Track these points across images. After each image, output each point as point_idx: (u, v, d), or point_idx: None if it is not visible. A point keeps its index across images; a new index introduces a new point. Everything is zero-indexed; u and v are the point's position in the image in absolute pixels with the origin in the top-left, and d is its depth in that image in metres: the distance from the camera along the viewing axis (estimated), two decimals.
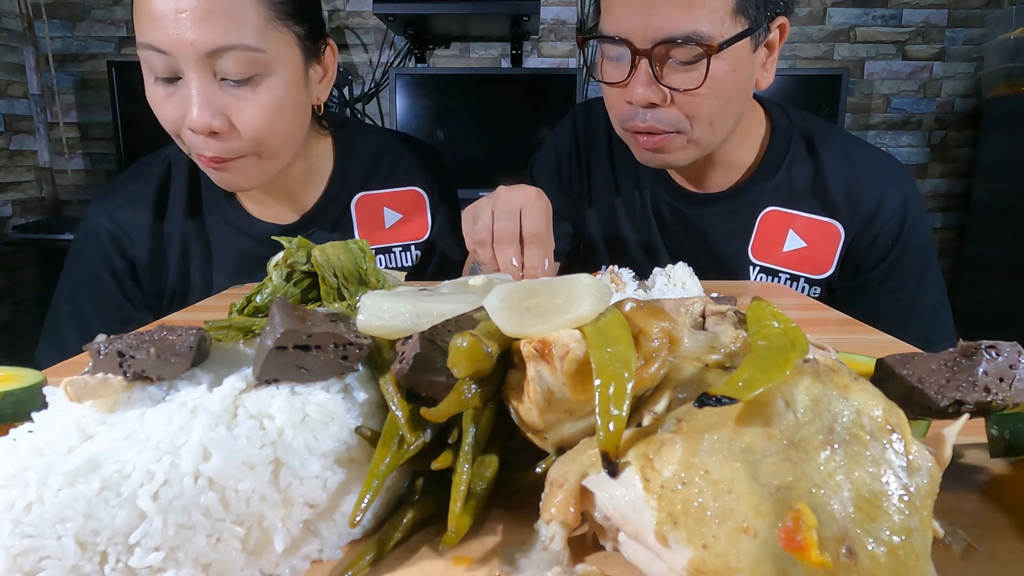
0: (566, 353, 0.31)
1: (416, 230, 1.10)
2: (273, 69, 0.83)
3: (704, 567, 0.25)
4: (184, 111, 0.81)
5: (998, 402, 0.34)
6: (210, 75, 0.80)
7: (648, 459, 0.28)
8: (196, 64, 0.79)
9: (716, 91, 0.84)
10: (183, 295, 1.03)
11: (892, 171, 0.98)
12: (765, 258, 1.02)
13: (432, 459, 0.33)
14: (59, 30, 2.72)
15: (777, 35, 0.89)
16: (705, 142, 0.90)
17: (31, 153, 2.71)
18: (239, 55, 0.80)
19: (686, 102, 0.85)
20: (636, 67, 0.84)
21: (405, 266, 1.09)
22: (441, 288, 0.47)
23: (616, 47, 0.86)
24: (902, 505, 0.25)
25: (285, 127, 0.88)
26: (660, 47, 0.81)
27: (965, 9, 2.69)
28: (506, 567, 0.29)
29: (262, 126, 0.84)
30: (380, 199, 1.07)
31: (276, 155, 0.89)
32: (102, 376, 0.33)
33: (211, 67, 0.80)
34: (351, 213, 1.05)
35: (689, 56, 0.82)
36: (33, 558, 0.26)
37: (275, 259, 0.56)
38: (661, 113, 0.86)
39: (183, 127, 0.83)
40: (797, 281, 1.01)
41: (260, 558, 0.30)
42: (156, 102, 0.83)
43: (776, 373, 0.28)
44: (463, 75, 2.53)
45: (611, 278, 0.75)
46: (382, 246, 1.08)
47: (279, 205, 1.02)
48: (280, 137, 0.88)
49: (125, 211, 1.00)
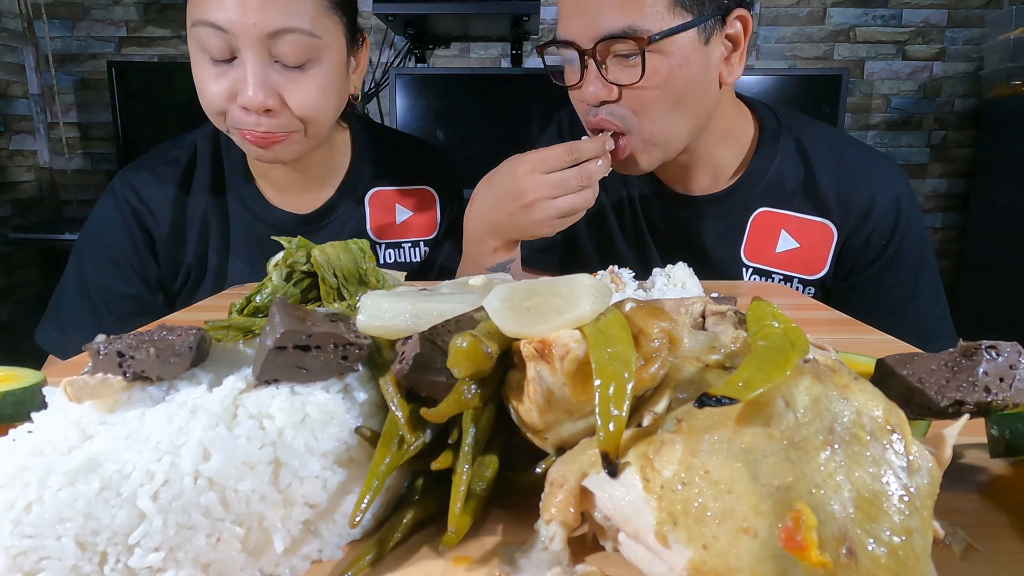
0: (566, 353, 0.31)
1: (426, 227, 1.13)
2: (323, 55, 0.87)
3: (704, 567, 0.25)
4: (234, 90, 0.84)
5: (998, 402, 0.34)
6: (266, 56, 0.84)
7: (648, 459, 0.28)
8: (255, 44, 0.82)
9: (660, 85, 0.85)
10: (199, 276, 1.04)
11: (883, 169, 0.98)
12: (758, 259, 1.02)
13: (432, 459, 0.33)
14: (59, 30, 2.72)
15: (740, 29, 0.88)
16: (663, 140, 0.89)
17: (31, 153, 2.71)
18: (296, 39, 0.83)
19: (633, 97, 0.86)
20: (586, 67, 0.86)
21: (413, 262, 1.11)
22: (441, 288, 0.47)
23: (567, 50, 0.88)
24: (902, 505, 0.25)
25: (331, 110, 0.92)
26: (601, 44, 0.83)
27: (965, 9, 2.69)
28: (506, 567, 0.29)
29: (312, 106, 0.88)
30: (393, 195, 1.10)
31: (318, 135, 0.93)
32: (102, 376, 0.33)
33: (268, 48, 0.83)
34: (365, 207, 1.09)
35: (627, 50, 0.83)
36: (33, 558, 0.26)
37: (275, 259, 0.56)
38: (610, 108, 0.88)
39: (230, 105, 0.86)
40: (791, 282, 1.01)
41: (260, 558, 0.30)
42: (204, 79, 0.86)
43: (776, 373, 0.28)
44: (463, 75, 2.53)
45: (611, 278, 0.75)
46: (392, 241, 1.10)
47: (299, 194, 1.05)
48: (326, 118, 0.92)
49: (150, 186, 1.01)
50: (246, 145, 0.90)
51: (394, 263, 1.11)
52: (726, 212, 1.02)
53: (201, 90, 0.87)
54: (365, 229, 1.08)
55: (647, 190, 1.07)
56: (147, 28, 2.74)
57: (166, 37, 2.75)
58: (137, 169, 1.03)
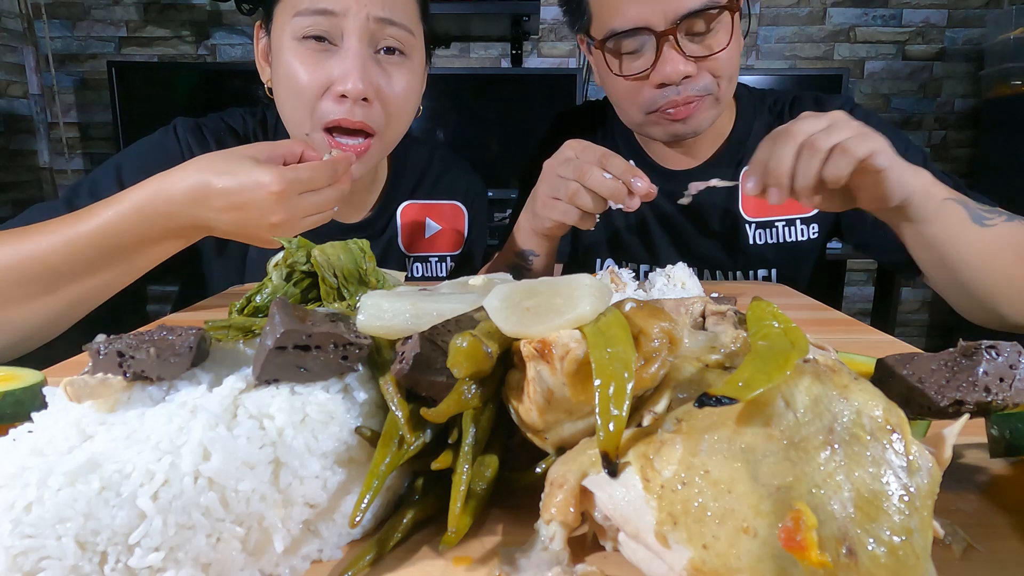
0: (566, 353, 0.31)
1: (453, 242, 1.14)
2: (414, 54, 0.90)
3: (704, 567, 0.25)
4: (331, 80, 0.84)
5: (998, 402, 0.34)
6: (369, 45, 0.85)
7: (648, 459, 0.28)
8: (362, 29, 0.83)
9: (736, 45, 0.91)
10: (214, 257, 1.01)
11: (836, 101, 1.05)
12: (757, 213, 1.07)
13: (432, 459, 0.33)
14: (59, 30, 2.72)
15: None
16: (726, 98, 0.97)
17: (31, 153, 2.71)
18: (398, 32, 0.86)
19: (714, 64, 0.91)
20: (660, 49, 0.88)
21: (439, 276, 1.12)
22: (441, 288, 0.47)
23: (635, 39, 0.89)
24: (902, 505, 0.25)
25: (411, 111, 0.94)
26: (683, 23, 0.87)
27: (965, 9, 2.69)
28: (506, 567, 0.29)
29: (402, 102, 0.89)
30: (424, 209, 1.11)
31: (394, 139, 0.94)
32: (102, 376, 0.33)
33: (373, 38, 0.85)
34: (396, 219, 1.09)
35: (712, 21, 0.88)
36: (33, 558, 0.26)
37: (275, 259, 0.56)
38: (693, 83, 0.91)
39: (323, 97, 0.85)
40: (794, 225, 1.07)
41: (260, 558, 0.30)
42: (297, 71, 0.85)
43: (776, 373, 0.28)
44: (463, 75, 2.53)
45: (611, 278, 0.75)
46: (420, 255, 1.11)
47: (343, 208, 1.04)
48: (406, 120, 0.93)
49: (209, 140, 0.98)
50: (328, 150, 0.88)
51: (420, 277, 1.11)
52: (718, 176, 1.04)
53: (293, 83, 0.85)
54: (397, 242, 1.08)
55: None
56: (147, 28, 2.74)
57: (166, 37, 2.75)
58: (198, 121, 1.01)
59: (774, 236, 1.08)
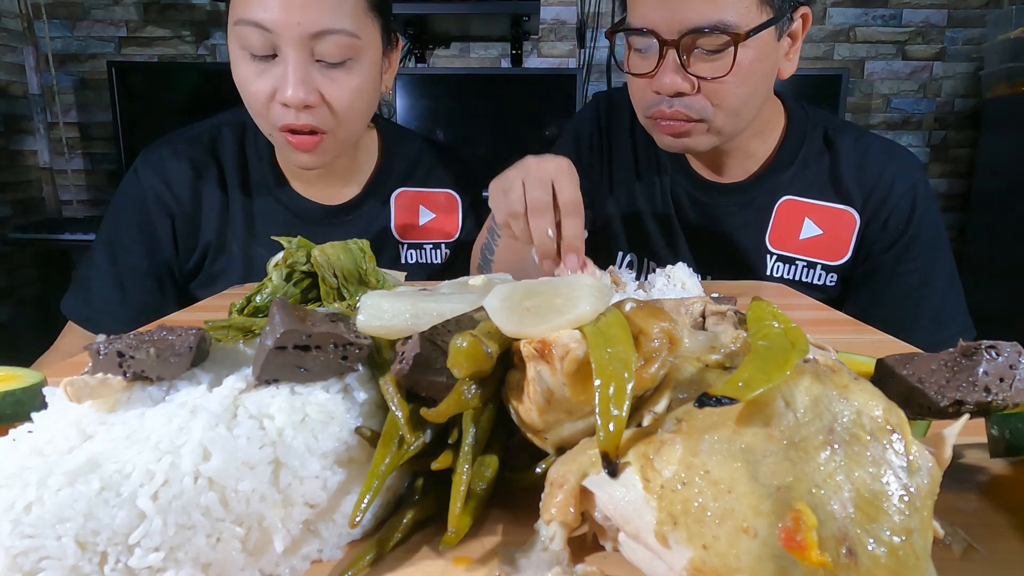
0: (566, 353, 0.31)
1: (448, 230, 1.15)
2: (362, 55, 0.90)
3: (704, 567, 0.25)
4: (275, 87, 0.86)
5: (998, 402, 0.34)
6: (308, 55, 0.86)
7: (648, 459, 0.28)
8: (297, 44, 0.84)
9: (742, 79, 0.87)
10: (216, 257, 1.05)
11: (902, 158, 1.02)
12: (782, 247, 1.05)
13: (432, 459, 0.33)
14: (59, 30, 2.71)
15: (800, 25, 0.92)
16: (728, 130, 0.93)
17: (31, 153, 2.71)
18: (337, 39, 0.86)
19: (712, 90, 0.88)
20: (664, 57, 0.87)
21: (433, 263, 1.13)
22: (441, 288, 0.47)
23: (643, 39, 0.89)
24: (902, 505, 0.25)
25: (364, 109, 0.95)
26: (687, 37, 0.84)
27: (965, 9, 2.69)
28: (506, 567, 0.29)
29: (349, 104, 0.90)
30: (417, 196, 1.13)
31: (350, 135, 0.96)
32: (102, 376, 0.33)
33: (310, 48, 0.85)
34: (390, 206, 1.11)
35: (716, 45, 0.85)
36: (33, 558, 0.26)
37: (275, 259, 0.56)
38: (687, 101, 0.89)
39: (273, 102, 0.88)
40: (814, 268, 1.04)
41: (260, 558, 0.30)
42: (246, 79, 0.88)
43: (776, 373, 0.28)
44: (463, 75, 2.53)
45: (611, 278, 0.75)
46: (414, 241, 1.12)
47: (326, 188, 1.07)
48: (358, 118, 0.95)
49: (170, 162, 1.02)
50: (288, 150, 0.92)
51: (415, 263, 1.13)
52: (752, 200, 1.04)
53: (243, 89, 0.89)
54: (390, 228, 1.10)
55: (678, 176, 1.09)
56: (147, 28, 2.74)
57: (166, 37, 2.75)
58: (158, 147, 1.05)
59: (791, 273, 1.05)
